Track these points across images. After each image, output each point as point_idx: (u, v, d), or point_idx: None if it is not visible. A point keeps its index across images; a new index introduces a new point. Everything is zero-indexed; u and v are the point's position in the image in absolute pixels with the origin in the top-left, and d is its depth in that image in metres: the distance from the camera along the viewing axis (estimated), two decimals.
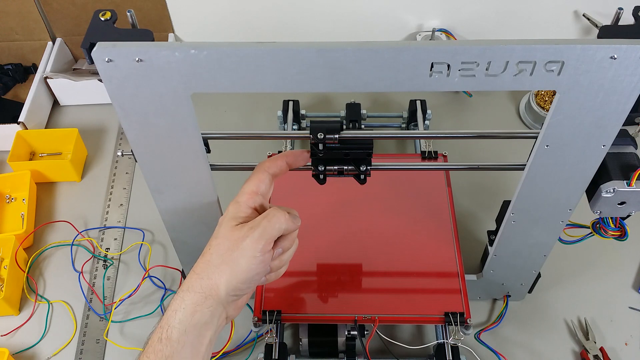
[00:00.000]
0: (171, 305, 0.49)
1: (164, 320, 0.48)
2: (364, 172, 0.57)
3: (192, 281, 0.49)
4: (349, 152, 0.55)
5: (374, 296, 0.69)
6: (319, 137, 0.53)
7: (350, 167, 0.57)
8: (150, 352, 0.47)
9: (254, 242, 0.48)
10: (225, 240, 0.49)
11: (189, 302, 0.48)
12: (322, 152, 0.54)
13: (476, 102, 1.03)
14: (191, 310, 0.48)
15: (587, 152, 0.51)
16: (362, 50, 0.42)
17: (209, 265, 0.49)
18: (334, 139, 0.53)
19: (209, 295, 0.48)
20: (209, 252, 0.50)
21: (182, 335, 0.47)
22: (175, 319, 0.47)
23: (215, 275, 0.48)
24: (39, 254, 0.84)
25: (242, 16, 1.01)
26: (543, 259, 0.67)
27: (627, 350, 0.74)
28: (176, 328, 0.47)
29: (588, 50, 0.41)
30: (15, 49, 1.05)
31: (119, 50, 0.42)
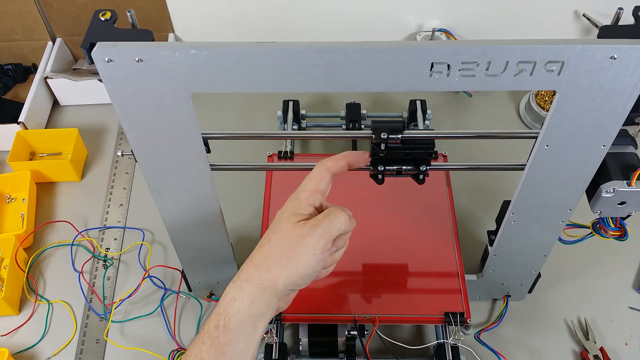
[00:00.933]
0: (228, 292, 0.49)
1: (221, 307, 0.48)
2: (424, 172, 0.57)
3: (250, 272, 0.49)
4: (410, 152, 0.55)
5: (374, 296, 0.69)
6: (382, 137, 0.53)
7: (409, 167, 0.57)
8: (207, 338, 0.47)
9: (315, 241, 0.49)
10: (287, 235, 0.49)
11: (247, 293, 0.48)
12: (383, 152, 0.54)
13: (476, 102, 1.03)
14: (249, 301, 0.48)
15: (587, 152, 0.51)
16: (362, 50, 0.42)
17: (269, 258, 0.49)
18: (397, 139, 0.53)
19: (267, 287, 0.48)
20: (269, 244, 0.50)
21: (238, 324, 0.47)
22: (234, 308, 0.48)
23: (274, 269, 0.49)
24: (39, 254, 0.84)
25: (242, 16, 1.01)
26: (543, 259, 0.67)
27: (627, 350, 0.74)
28: (234, 317, 0.47)
29: (588, 50, 0.41)
30: (15, 49, 1.05)
31: (119, 50, 0.42)
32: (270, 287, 0.49)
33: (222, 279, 0.74)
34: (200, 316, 0.77)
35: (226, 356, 0.47)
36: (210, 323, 0.48)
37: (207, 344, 0.47)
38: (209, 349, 0.47)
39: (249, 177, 0.87)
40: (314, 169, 0.53)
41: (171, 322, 0.77)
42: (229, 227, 0.65)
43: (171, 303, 0.78)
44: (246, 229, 0.85)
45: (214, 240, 0.65)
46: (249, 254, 0.76)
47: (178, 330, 0.76)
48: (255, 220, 0.85)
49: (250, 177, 0.87)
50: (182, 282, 0.78)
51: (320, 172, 0.52)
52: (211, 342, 0.47)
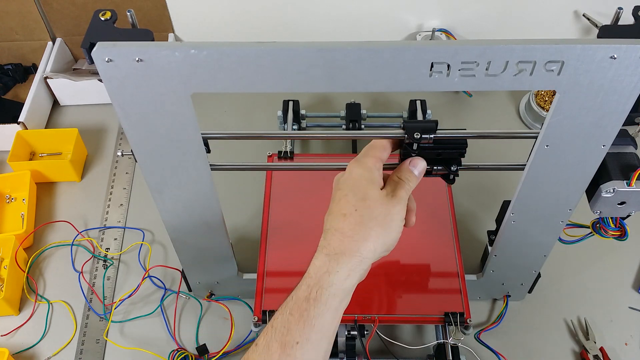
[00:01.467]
0: (320, 266, 0.48)
1: (314, 279, 0.48)
2: (454, 172, 0.57)
3: (345, 243, 0.48)
4: (442, 152, 0.55)
5: (374, 296, 0.69)
6: (415, 137, 0.53)
7: (439, 167, 0.57)
8: (295, 310, 0.47)
9: (402, 209, 0.51)
10: (377, 204, 0.49)
11: (344, 266, 0.48)
12: (415, 151, 0.54)
13: (476, 102, 1.03)
14: (345, 274, 0.48)
15: (587, 152, 0.51)
16: (362, 50, 0.42)
17: (363, 227, 0.49)
18: (429, 138, 0.53)
19: (365, 258, 0.49)
20: (357, 213, 0.49)
21: (330, 298, 0.47)
22: (328, 281, 0.47)
23: (372, 238, 0.49)
24: (39, 254, 0.84)
25: (242, 16, 1.01)
26: (543, 259, 0.67)
27: (627, 350, 0.74)
28: (326, 290, 0.47)
29: (588, 50, 0.41)
30: (15, 49, 1.05)
31: (119, 50, 0.42)
32: (368, 257, 0.49)
33: (222, 279, 0.74)
34: (200, 316, 0.77)
35: (314, 329, 0.47)
36: (300, 295, 0.48)
37: (296, 315, 0.47)
38: (298, 320, 0.47)
39: (249, 177, 0.87)
40: (376, 140, 0.54)
41: (171, 322, 0.77)
42: (229, 227, 0.65)
43: (171, 303, 0.78)
44: (246, 229, 0.85)
45: (214, 240, 0.65)
46: (249, 254, 0.77)
47: (178, 330, 0.76)
48: (255, 220, 0.85)
49: (250, 177, 0.87)
50: (182, 282, 0.78)
51: (384, 142, 0.53)
52: (300, 314, 0.47)
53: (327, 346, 0.49)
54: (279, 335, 0.47)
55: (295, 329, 0.47)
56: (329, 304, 0.47)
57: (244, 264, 0.74)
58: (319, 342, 0.48)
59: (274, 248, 0.73)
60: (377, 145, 0.53)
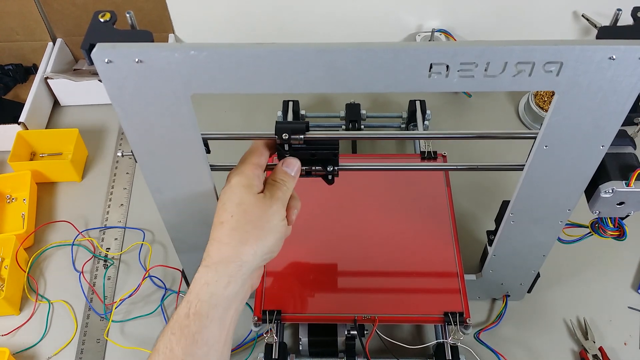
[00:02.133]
0: (199, 278, 0.48)
1: (192, 294, 0.47)
2: (331, 173, 0.57)
3: (222, 251, 0.48)
4: (315, 153, 0.55)
5: (374, 296, 0.69)
6: (284, 138, 0.53)
7: (317, 168, 0.57)
8: (176, 329, 0.46)
9: (279, 209, 0.51)
10: (253, 206, 0.49)
11: (223, 274, 0.47)
12: (287, 152, 0.54)
13: (475, 102, 1.03)
14: (225, 282, 0.47)
15: (586, 152, 0.51)
16: (361, 51, 0.42)
17: (239, 232, 0.48)
18: (300, 139, 0.53)
19: (244, 262, 0.48)
20: (232, 219, 0.49)
21: (211, 309, 0.46)
22: (207, 293, 0.47)
23: (250, 242, 0.48)
24: (40, 253, 0.85)
25: (242, 17, 1.01)
26: (542, 259, 0.67)
27: (626, 350, 0.74)
28: (206, 302, 0.46)
29: (587, 51, 0.42)
30: (16, 49, 1.05)
31: (119, 51, 0.42)
32: (248, 262, 0.48)
33: None
34: None
35: (198, 345, 0.46)
36: (180, 312, 0.47)
37: (177, 334, 0.46)
38: (179, 339, 0.46)
39: None
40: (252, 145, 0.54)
41: None
42: None
43: (171, 303, 0.79)
44: None
45: None
46: None
47: None
48: None
49: None
50: (182, 281, 0.78)
51: (260, 147, 0.54)
52: (181, 332, 0.46)
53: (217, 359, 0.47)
54: (162, 357, 0.46)
55: (177, 348, 0.45)
56: (211, 315, 0.46)
57: None
58: (205, 356, 0.46)
59: None
60: (253, 151, 0.53)
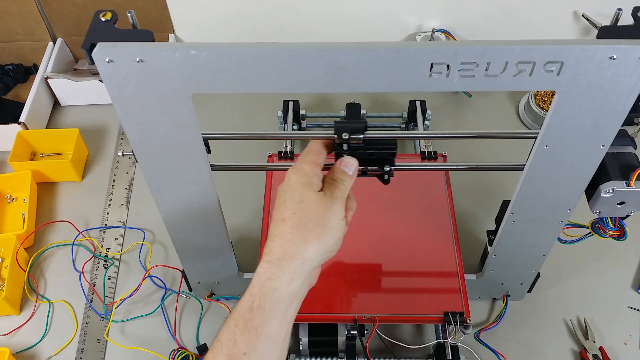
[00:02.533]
0: (262, 273, 0.48)
1: (256, 288, 0.47)
2: (388, 173, 0.57)
3: (285, 248, 0.48)
4: (373, 153, 0.55)
5: (374, 296, 0.69)
6: (343, 138, 0.53)
7: (373, 168, 0.57)
8: (240, 321, 0.47)
9: (339, 208, 0.50)
10: (314, 204, 0.49)
11: (286, 270, 0.47)
12: (346, 152, 0.54)
13: (476, 102, 1.03)
14: (288, 279, 0.47)
15: (586, 152, 0.51)
16: (361, 51, 0.42)
17: (301, 230, 0.48)
18: (359, 139, 0.53)
19: (306, 260, 0.48)
20: (294, 216, 0.49)
21: (274, 304, 0.47)
22: (270, 288, 0.47)
23: (311, 239, 0.48)
24: (40, 253, 0.85)
25: (243, 17, 1.01)
26: (542, 259, 0.67)
27: (627, 349, 0.74)
28: (270, 297, 0.47)
29: (587, 51, 0.42)
30: (16, 49, 1.05)
31: (120, 51, 0.42)
32: (310, 259, 0.48)
33: (223, 279, 0.74)
34: (201, 316, 0.77)
35: (260, 338, 0.46)
36: (244, 305, 0.47)
37: (241, 326, 0.46)
38: (243, 331, 0.46)
39: (249, 177, 0.87)
40: (311, 143, 0.54)
41: (172, 321, 0.77)
42: (229, 227, 0.65)
43: (172, 303, 0.79)
44: (246, 229, 0.85)
45: (214, 240, 0.66)
46: (249, 254, 0.77)
47: (178, 329, 0.76)
48: (255, 220, 0.85)
49: (250, 177, 0.87)
50: (182, 281, 0.78)
51: (319, 146, 0.53)
52: (245, 324, 0.46)
53: (277, 354, 0.48)
54: (226, 349, 0.46)
55: (241, 340, 0.46)
56: (274, 310, 0.47)
57: (245, 263, 0.74)
58: (267, 350, 0.47)
59: None
60: (313, 149, 0.53)
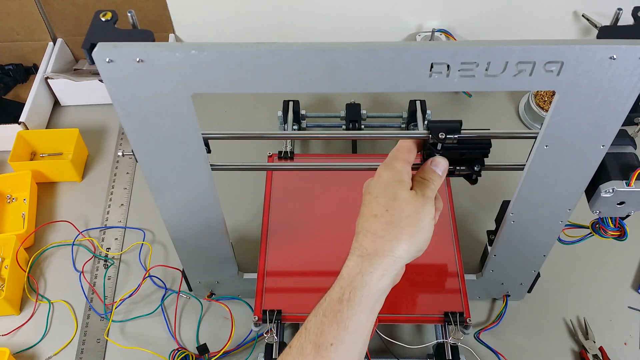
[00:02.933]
0: (353, 267, 0.48)
1: (346, 280, 0.47)
2: (477, 173, 0.57)
3: (377, 244, 0.48)
4: (466, 152, 0.55)
5: None
6: (440, 137, 0.53)
7: (462, 167, 0.56)
8: (329, 312, 0.47)
9: (431, 207, 0.50)
10: (408, 204, 0.49)
11: (378, 266, 0.47)
12: (439, 152, 0.54)
13: (476, 102, 1.03)
14: (379, 275, 0.47)
15: (586, 152, 0.51)
16: (362, 51, 0.42)
17: (394, 227, 0.48)
18: (454, 139, 0.53)
19: (398, 257, 0.48)
20: (388, 213, 0.49)
21: (363, 298, 0.47)
22: (361, 282, 0.47)
23: (404, 237, 0.48)
24: (40, 253, 0.85)
25: (243, 17, 1.01)
26: (542, 259, 0.67)
27: (627, 349, 0.74)
28: (359, 291, 0.47)
29: (587, 51, 0.42)
30: (16, 49, 1.05)
31: (120, 51, 0.42)
32: (401, 257, 0.48)
33: (223, 279, 0.74)
34: (201, 316, 0.77)
35: (348, 330, 0.46)
36: (333, 296, 0.47)
37: (329, 317, 0.47)
38: (331, 322, 0.46)
39: (249, 177, 0.87)
40: (402, 141, 0.54)
41: (172, 321, 0.77)
42: (229, 227, 0.65)
43: (172, 303, 0.79)
44: (246, 229, 0.85)
45: (214, 240, 0.66)
46: (249, 254, 0.77)
47: (178, 329, 0.76)
48: (255, 220, 0.85)
49: (250, 177, 0.87)
50: (182, 281, 0.78)
51: (410, 144, 0.53)
52: (333, 315, 0.46)
53: (361, 347, 0.48)
54: (313, 337, 0.47)
55: (329, 331, 0.46)
56: (363, 304, 0.47)
57: (245, 263, 0.74)
58: (353, 343, 0.47)
59: (274, 248, 0.73)
60: (404, 147, 0.53)
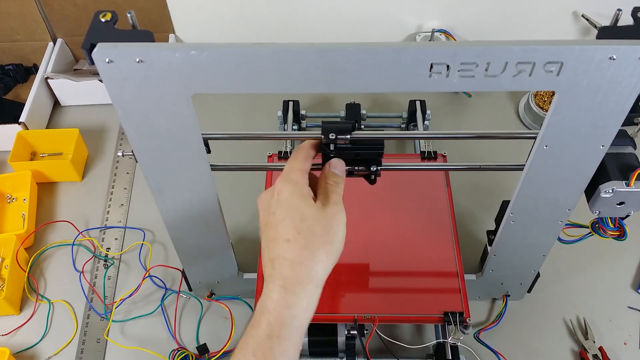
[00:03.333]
0: (277, 299, 0.46)
1: (273, 316, 0.46)
2: (375, 173, 0.57)
3: (297, 271, 0.47)
4: (360, 153, 0.55)
5: (374, 296, 0.69)
6: (330, 138, 0.53)
7: (360, 168, 0.57)
8: (258, 350, 0.45)
9: (341, 213, 0.49)
10: (318, 222, 0.48)
11: (303, 296, 0.46)
12: (333, 152, 0.54)
13: (475, 102, 1.03)
14: (305, 304, 0.47)
15: (586, 152, 0.51)
16: (361, 51, 0.42)
17: (310, 250, 0.47)
18: (346, 139, 0.53)
19: (319, 281, 0.47)
20: (300, 236, 0.47)
21: (294, 331, 0.46)
22: (289, 316, 0.46)
23: (321, 258, 0.47)
24: (40, 253, 0.85)
25: (243, 17, 1.01)
26: (542, 259, 0.68)
27: (626, 349, 0.74)
28: (289, 325, 0.46)
29: (587, 51, 0.42)
30: (16, 50, 1.05)
31: (120, 51, 0.42)
32: (321, 279, 0.47)
33: (223, 279, 0.74)
34: (201, 316, 0.77)
35: None
36: (261, 334, 0.46)
37: (259, 355, 0.45)
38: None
39: (249, 177, 0.87)
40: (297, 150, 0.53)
41: (172, 321, 0.77)
42: (229, 227, 0.65)
43: (172, 303, 0.79)
44: (246, 229, 0.85)
45: (214, 240, 0.66)
46: (249, 254, 0.77)
47: (178, 329, 0.76)
48: (255, 220, 0.85)
49: (250, 177, 0.87)
50: (182, 281, 0.78)
51: (305, 152, 0.53)
52: (263, 353, 0.45)
53: None
54: None
55: None
56: (293, 337, 0.46)
57: (244, 263, 0.74)
58: None
59: None
60: (299, 157, 0.52)
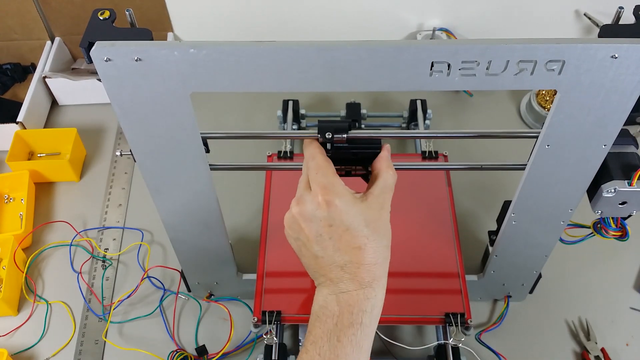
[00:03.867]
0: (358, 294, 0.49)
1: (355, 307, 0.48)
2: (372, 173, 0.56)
3: (372, 272, 0.49)
4: (357, 152, 0.55)
5: None
6: (327, 137, 0.53)
7: (358, 167, 0.56)
8: (343, 336, 0.48)
9: (382, 199, 0.52)
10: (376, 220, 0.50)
11: (380, 290, 0.50)
12: (329, 151, 0.54)
13: (477, 101, 1.03)
14: (381, 295, 0.50)
15: (588, 151, 0.50)
16: (362, 49, 0.42)
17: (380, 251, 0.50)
18: (342, 138, 0.53)
19: (387, 274, 0.51)
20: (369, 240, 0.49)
21: (373, 320, 0.49)
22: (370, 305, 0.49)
23: (388, 253, 0.51)
24: (38, 254, 0.84)
25: (242, 15, 1.01)
26: (544, 259, 0.67)
27: (629, 350, 0.73)
28: (370, 313, 0.49)
29: (589, 50, 0.41)
30: (14, 49, 1.05)
31: (118, 50, 0.42)
32: (388, 271, 0.51)
33: (222, 280, 0.74)
34: (200, 317, 0.77)
35: (362, 352, 0.48)
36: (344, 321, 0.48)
37: (344, 341, 0.48)
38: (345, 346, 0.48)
39: (249, 177, 0.86)
40: (314, 152, 0.52)
41: (170, 322, 0.77)
42: (228, 227, 0.65)
43: (170, 304, 0.78)
44: (246, 229, 0.85)
45: (213, 240, 0.65)
46: (248, 255, 0.77)
47: (177, 330, 0.76)
48: (255, 220, 0.85)
49: (250, 177, 0.86)
50: (181, 282, 0.78)
51: (321, 151, 0.53)
52: (348, 339, 0.48)
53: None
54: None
55: (343, 354, 0.47)
56: (372, 325, 0.49)
57: (244, 264, 0.74)
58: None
59: (273, 248, 0.72)
60: (321, 159, 0.51)
